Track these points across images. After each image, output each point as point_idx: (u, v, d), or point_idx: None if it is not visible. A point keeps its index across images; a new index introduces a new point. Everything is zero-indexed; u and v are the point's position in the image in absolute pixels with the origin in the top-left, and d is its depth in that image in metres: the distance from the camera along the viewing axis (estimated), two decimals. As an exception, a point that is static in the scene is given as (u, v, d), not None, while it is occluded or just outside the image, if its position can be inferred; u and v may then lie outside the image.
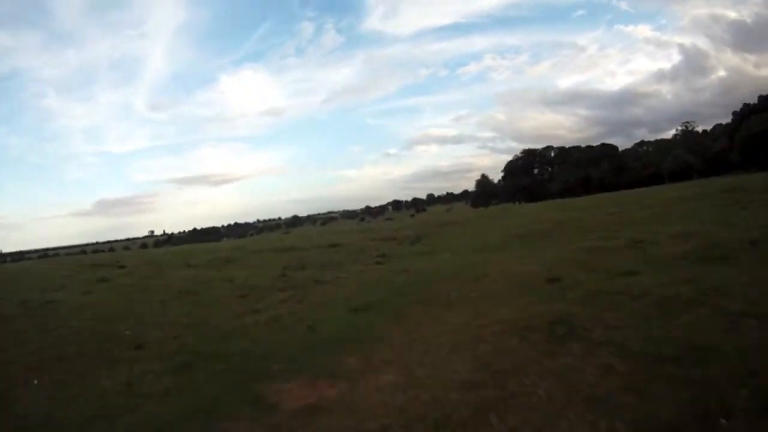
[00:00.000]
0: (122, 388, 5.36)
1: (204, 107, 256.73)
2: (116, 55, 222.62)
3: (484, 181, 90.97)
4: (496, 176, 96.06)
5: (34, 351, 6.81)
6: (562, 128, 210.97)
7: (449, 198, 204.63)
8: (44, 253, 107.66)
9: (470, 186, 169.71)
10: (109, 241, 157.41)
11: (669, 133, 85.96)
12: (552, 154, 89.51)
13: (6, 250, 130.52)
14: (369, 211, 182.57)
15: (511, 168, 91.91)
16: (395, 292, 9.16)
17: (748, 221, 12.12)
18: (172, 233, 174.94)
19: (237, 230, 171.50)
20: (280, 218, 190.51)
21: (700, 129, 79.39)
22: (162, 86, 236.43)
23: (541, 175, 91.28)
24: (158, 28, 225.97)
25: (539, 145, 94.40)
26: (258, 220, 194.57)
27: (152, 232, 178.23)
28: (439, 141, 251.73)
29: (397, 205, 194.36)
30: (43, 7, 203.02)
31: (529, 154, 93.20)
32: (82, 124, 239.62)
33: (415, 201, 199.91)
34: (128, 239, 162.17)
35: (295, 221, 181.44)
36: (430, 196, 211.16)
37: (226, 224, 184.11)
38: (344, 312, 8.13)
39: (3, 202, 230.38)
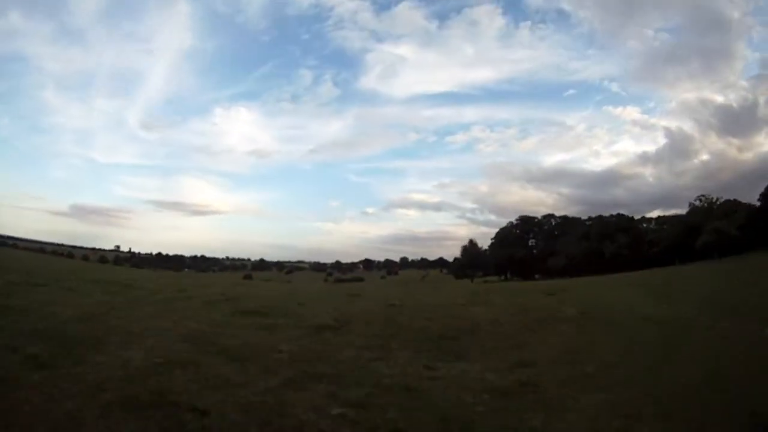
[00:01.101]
0: None
1: (194, 136, 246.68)
2: (119, 64, 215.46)
3: (471, 249, 75.25)
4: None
5: None
6: (543, 205, 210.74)
7: (424, 264, 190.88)
8: (3, 242, 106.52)
9: (445, 254, 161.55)
10: (74, 246, 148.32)
11: (653, 214, 78.52)
12: (553, 223, 76.26)
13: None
14: (339, 267, 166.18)
15: (503, 236, 77.79)
16: None
17: None
18: (138, 253, 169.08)
19: (202, 263, 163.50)
20: (248, 259, 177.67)
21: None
22: (157, 107, 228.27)
23: (537, 247, 77.38)
24: (164, 47, 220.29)
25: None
26: (227, 257, 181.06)
27: (118, 247, 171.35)
28: (419, 206, 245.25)
29: (368, 264, 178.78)
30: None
31: (525, 222, 79.85)
32: (75, 125, 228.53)
33: (388, 262, 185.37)
34: (94, 249, 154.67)
35: (262, 265, 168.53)
36: (404, 260, 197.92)
37: (193, 255, 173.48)
38: None
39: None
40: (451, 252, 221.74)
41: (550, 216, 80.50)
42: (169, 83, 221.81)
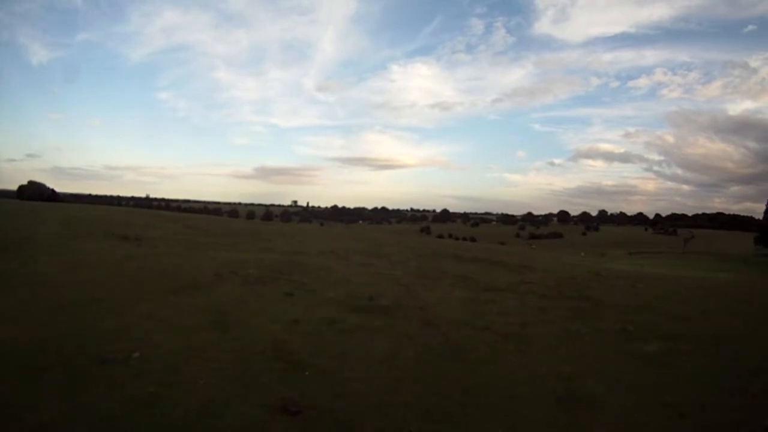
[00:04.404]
0: None
1: (373, 94, 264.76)
2: (286, 38, 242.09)
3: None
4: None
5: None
6: (730, 161, 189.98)
7: (622, 219, 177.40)
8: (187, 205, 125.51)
9: (632, 209, 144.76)
10: (259, 204, 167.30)
11: None
12: None
13: (157, 195, 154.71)
14: (531, 220, 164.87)
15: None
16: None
17: None
18: (310, 207, 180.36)
19: (381, 215, 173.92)
20: (434, 210, 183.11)
21: None
22: (331, 70, 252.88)
23: None
24: (328, 17, 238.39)
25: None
26: (411, 209, 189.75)
27: (295, 202, 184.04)
28: (605, 157, 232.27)
29: (563, 217, 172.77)
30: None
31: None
32: (251, 96, 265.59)
33: (585, 216, 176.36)
34: (273, 205, 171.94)
35: (444, 216, 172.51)
36: (602, 213, 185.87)
37: (374, 207, 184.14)
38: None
39: (165, 156, 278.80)
40: (636, 207, 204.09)
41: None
42: (340, 47, 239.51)
